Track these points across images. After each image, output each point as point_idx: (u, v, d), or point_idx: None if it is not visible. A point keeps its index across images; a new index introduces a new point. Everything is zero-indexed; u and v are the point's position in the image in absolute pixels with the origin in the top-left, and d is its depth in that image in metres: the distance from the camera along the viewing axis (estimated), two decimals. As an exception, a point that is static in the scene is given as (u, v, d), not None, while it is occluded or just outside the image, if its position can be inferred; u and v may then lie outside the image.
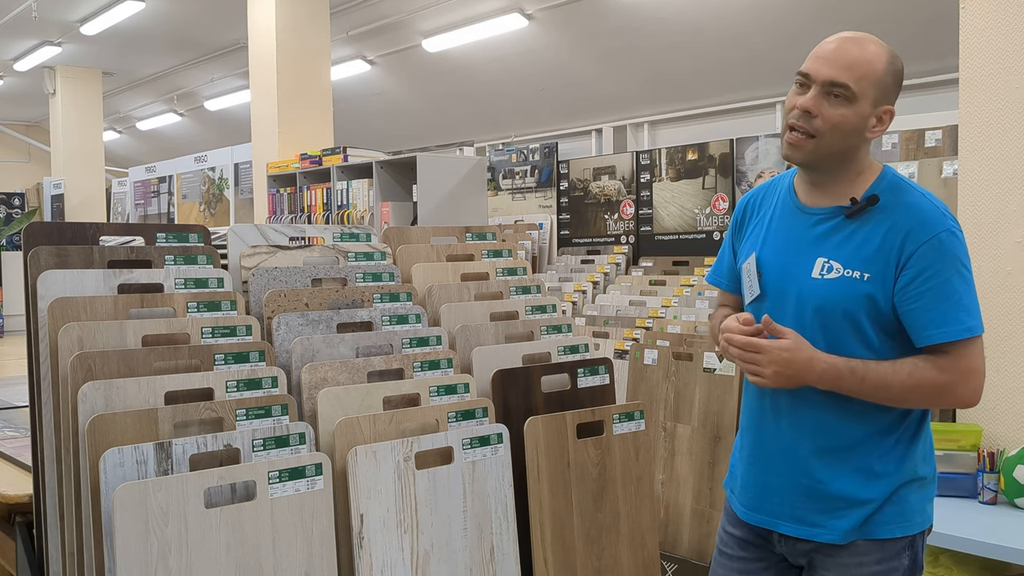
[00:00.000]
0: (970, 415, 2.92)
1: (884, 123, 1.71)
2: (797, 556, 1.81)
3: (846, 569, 1.73)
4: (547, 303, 2.57)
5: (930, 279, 1.61)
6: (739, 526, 1.89)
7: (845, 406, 1.70)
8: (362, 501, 1.89)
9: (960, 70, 2.95)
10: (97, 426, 1.72)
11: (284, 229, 2.44)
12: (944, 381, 1.62)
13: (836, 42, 1.68)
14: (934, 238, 1.62)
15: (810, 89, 1.67)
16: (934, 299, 1.61)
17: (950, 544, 2.48)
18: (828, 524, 1.73)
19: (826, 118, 1.65)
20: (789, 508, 1.77)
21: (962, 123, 2.95)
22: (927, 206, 1.67)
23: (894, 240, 1.65)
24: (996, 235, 2.86)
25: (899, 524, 1.72)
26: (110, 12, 8.09)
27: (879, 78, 1.67)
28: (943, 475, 2.77)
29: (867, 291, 1.64)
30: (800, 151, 1.69)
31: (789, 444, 1.76)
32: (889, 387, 1.62)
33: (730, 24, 6.28)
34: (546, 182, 6.33)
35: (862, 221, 1.69)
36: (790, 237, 1.77)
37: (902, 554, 1.73)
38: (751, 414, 1.86)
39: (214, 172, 8.45)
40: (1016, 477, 2.61)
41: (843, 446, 1.72)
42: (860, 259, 1.67)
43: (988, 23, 2.86)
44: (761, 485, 1.81)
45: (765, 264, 1.79)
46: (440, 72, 8.59)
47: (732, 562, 1.89)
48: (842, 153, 1.69)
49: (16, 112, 13.36)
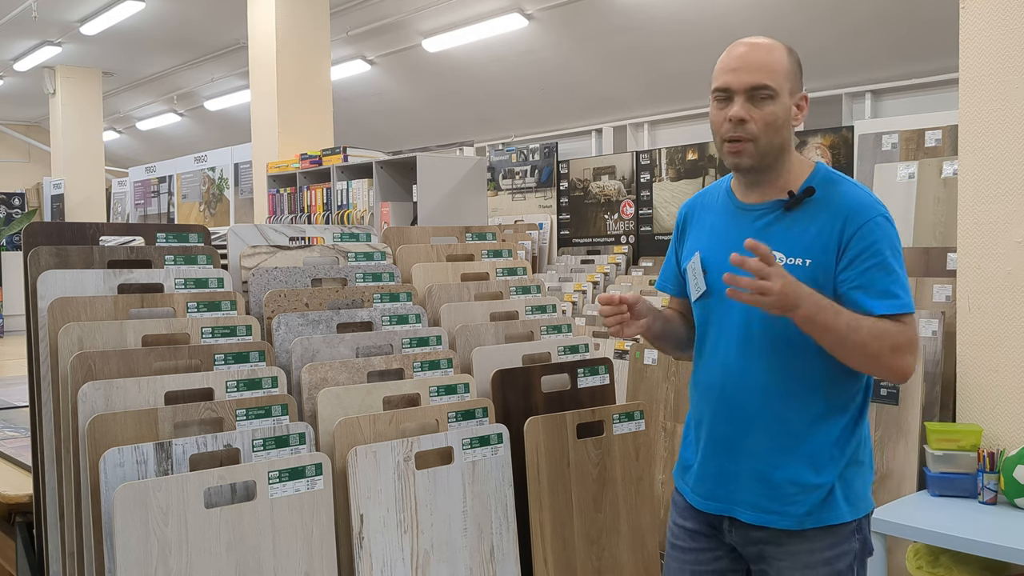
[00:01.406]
0: (970, 415, 2.92)
1: (803, 109, 1.83)
2: (747, 545, 1.83)
3: (797, 557, 1.77)
4: (547, 303, 2.57)
5: (872, 256, 1.70)
6: (690, 518, 1.92)
7: (794, 392, 1.76)
8: (362, 501, 1.89)
9: (960, 70, 2.95)
10: (97, 426, 1.72)
11: (284, 229, 2.44)
12: (902, 342, 1.68)
13: (741, 51, 1.78)
14: (871, 220, 1.72)
15: (732, 101, 1.76)
16: (878, 274, 1.70)
17: (950, 544, 2.48)
18: (783, 510, 1.77)
19: (758, 120, 1.75)
20: (745, 495, 1.80)
21: (962, 123, 2.95)
22: (861, 194, 1.78)
23: (833, 226, 1.73)
24: (996, 235, 2.85)
25: (848, 508, 1.78)
26: (110, 12, 8.08)
27: (788, 70, 1.78)
28: (943, 475, 2.77)
29: (810, 275, 1.71)
30: (746, 157, 1.77)
31: (743, 432, 1.80)
32: (859, 327, 1.66)
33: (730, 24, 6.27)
34: (546, 182, 6.33)
35: (800, 213, 1.78)
36: (732, 234, 1.84)
37: (851, 538, 1.78)
38: (704, 404, 1.88)
39: (214, 172, 8.45)
40: (1016, 477, 2.61)
41: (794, 432, 1.77)
42: (801, 247, 1.75)
43: (988, 23, 2.86)
44: (718, 473, 1.84)
45: (709, 262, 1.86)
46: (440, 72, 8.59)
47: (684, 554, 1.92)
48: (779, 148, 1.79)
49: (16, 112, 13.35)
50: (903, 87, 5.88)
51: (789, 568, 1.77)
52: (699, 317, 1.90)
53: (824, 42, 6.01)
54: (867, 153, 4.32)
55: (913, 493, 2.93)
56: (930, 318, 3.16)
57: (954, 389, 2.98)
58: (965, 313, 2.93)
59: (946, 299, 3.26)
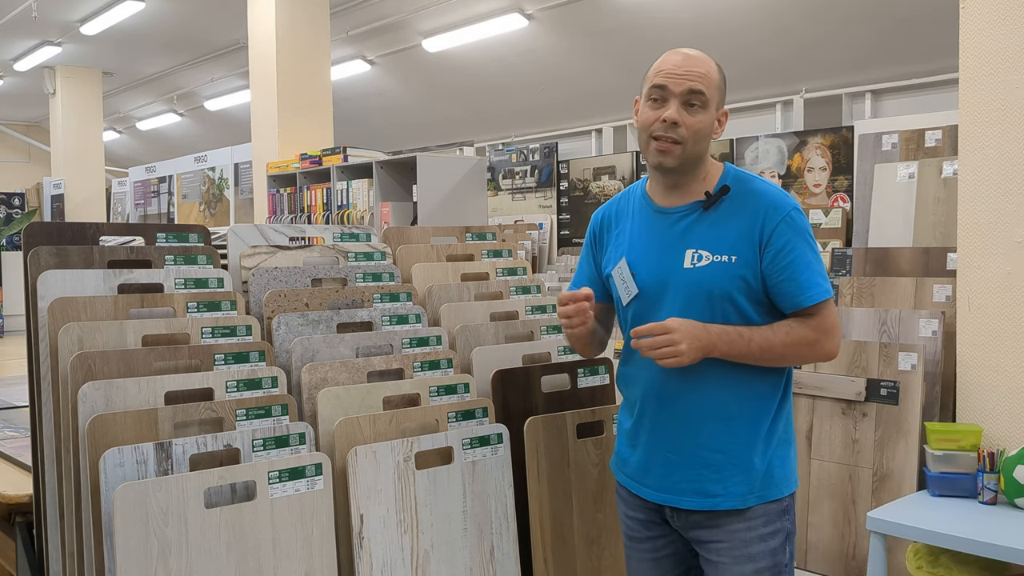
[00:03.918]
0: (970, 415, 2.92)
1: (723, 124, 1.92)
2: (689, 529, 1.90)
3: (736, 534, 1.85)
4: (547, 303, 2.57)
5: (790, 253, 1.82)
6: (639, 508, 1.96)
7: (729, 380, 1.85)
8: (362, 501, 1.89)
9: (960, 70, 2.95)
10: (97, 426, 1.72)
11: (284, 229, 2.44)
12: (814, 338, 1.84)
13: (681, 58, 1.86)
14: (787, 216, 1.84)
15: (667, 102, 1.84)
16: (796, 270, 1.82)
17: (950, 544, 2.47)
18: (727, 492, 1.84)
19: (689, 125, 1.83)
20: (690, 483, 1.87)
21: (962, 123, 2.94)
22: (772, 190, 1.89)
23: (753, 223, 1.84)
24: (996, 235, 2.85)
25: (782, 484, 1.88)
26: (110, 12, 8.08)
27: (719, 85, 1.89)
28: (943, 475, 2.76)
29: (738, 272, 1.83)
30: (671, 157, 1.85)
31: (685, 423, 1.87)
32: (772, 346, 1.81)
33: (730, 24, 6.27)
34: (546, 182, 6.33)
35: (719, 211, 1.88)
36: (655, 237, 1.93)
37: (783, 516, 1.88)
38: (642, 399, 1.94)
39: (214, 172, 8.45)
40: (1016, 477, 2.61)
41: (733, 415, 1.86)
42: (726, 244, 1.85)
43: (988, 23, 2.86)
44: (662, 463, 1.90)
45: (636, 265, 1.94)
46: (440, 72, 8.59)
47: (642, 543, 1.98)
48: (699, 155, 1.89)
49: (16, 112, 13.35)
50: (903, 87, 5.88)
51: (728, 548, 1.85)
52: (632, 318, 1.95)
53: (824, 42, 6.01)
54: (867, 153, 4.32)
55: (913, 493, 2.93)
56: (930, 318, 3.16)
57: (954, 389, 2.98)
58: (965, 313, 2.93)
59: (946, 299, 3.26)
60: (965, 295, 2.93)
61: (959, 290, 2.96)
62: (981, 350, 2.89)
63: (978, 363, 2.90)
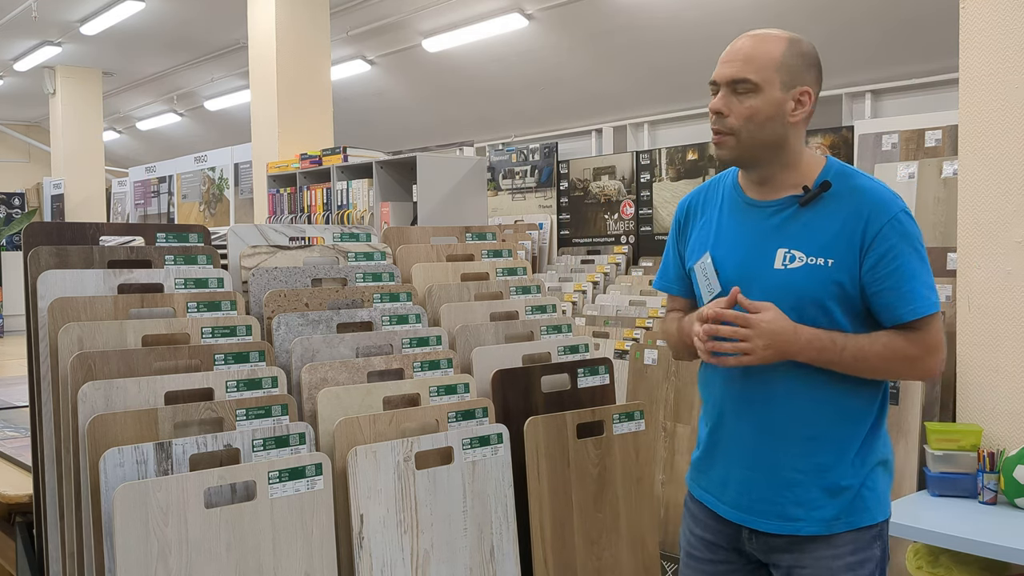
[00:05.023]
0: (970, 415, 2.92)
1: (804, 104, 1.74)
2: (768, 553, 1.78)
3: (822, 562, 1.71)
4: (547, 303, 2.57)
5: (894, 260, 1.66)
6: (707, 528, 1.86)
7: (818, 394, 1.71)
8: (362, 501, 1.89)
9: (960, 70, 2.95)
10: (97, 426, 1.72)
11: (284, 229, 2.44)
12: (915, 353, 1.68)
13: (735, 43, 1.75)
14: (893, 219, 1.67)
15: (718, 94, 1.74)
16: (900, 279, 1.66)
17: (950, 544, 2.47)
18: (809, 516, 1.72)
19: (737, 113, 1.71)
20: (770, 504, 1.74)
21: (962, 123, 2.95)
22: (879, 189, 1.72)
23: (855, 224, 1.68)
24: (996, 235, 2.85)
25: (874, 510, 1.74)
26: (110, 12, 8.08)
27: (780, 63, 1.71)
28: (943, 475, 2.77)
29: (834, 277, 1.68)
30: (726, 149, 1.74)
31: (767, 438, 1.75)
32: (866, 358, 1.66)
33: (730, 24, 6.27)
34: (546, 182, 6.33)
35: (817, 209, 1.72)
36: (744, 232, 1.78)
37: (874, 544, 1.73)
38: (722, 410, 1.82)
39: (214, 172, 8.45)
40: (1016, 477, 2.61)
41: (820, 435, 1.72)
42: (821, 246, 1.69)
43: (988, 23, 2.86)
44: (741, 480, 1.78)
45: (721, 261, 1.80)
46: (440, 72, 8.59)
47: (701, 564, 1.87)
48: (770, 143, 1.73)
49: (16, 112, 13.35)
50: (903, 87, 5.87)
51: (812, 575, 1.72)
52: None
53: (824, 42, 5.99)
54: (867, 153, 4.32)
55: (913, 493, 2.93)
56: (930, 318, 3.16)
57: (954, 389, 2.98)
58: (965, 313, 2.93)
59: (946, 299, 3.26)
60: (965, 295, 2.94)
61: (959, 290, 2.96)
62: (981, 350, 2.89)
63: (978, 363, 2.91)
